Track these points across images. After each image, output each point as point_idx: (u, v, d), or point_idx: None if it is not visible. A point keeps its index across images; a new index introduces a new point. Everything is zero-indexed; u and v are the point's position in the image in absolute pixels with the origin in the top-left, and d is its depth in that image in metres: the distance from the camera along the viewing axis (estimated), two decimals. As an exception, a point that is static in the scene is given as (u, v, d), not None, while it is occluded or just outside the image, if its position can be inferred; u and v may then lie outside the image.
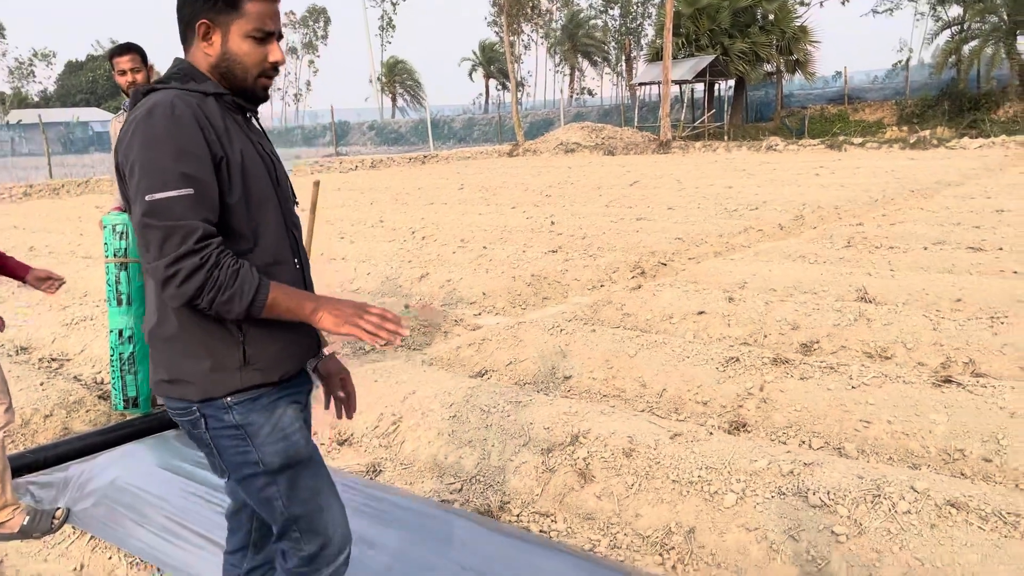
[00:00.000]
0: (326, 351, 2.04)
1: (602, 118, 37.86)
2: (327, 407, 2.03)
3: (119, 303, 4.13)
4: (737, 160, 19.81)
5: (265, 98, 1.75)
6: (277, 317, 1.58)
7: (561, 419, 3.56)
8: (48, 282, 3.06)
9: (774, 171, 15.65)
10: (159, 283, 1.51)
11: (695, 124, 30.83)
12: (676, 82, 29.05)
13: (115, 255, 3.94)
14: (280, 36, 1.71)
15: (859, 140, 20.98)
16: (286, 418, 1.73)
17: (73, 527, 3.15)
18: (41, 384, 4.44)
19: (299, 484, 1.74)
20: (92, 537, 3.08)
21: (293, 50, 70.17)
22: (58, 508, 3.16)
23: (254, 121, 1.78)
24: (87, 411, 4.28)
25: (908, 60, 34.40)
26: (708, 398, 4.08)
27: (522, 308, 6.44)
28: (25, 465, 3.48)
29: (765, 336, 5.02)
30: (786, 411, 3.81)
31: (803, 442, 3.61)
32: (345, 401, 2.01)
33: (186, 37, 1.68)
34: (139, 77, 3.93)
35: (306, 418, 1.89)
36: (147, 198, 1.49)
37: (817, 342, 4.82)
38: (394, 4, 64.88)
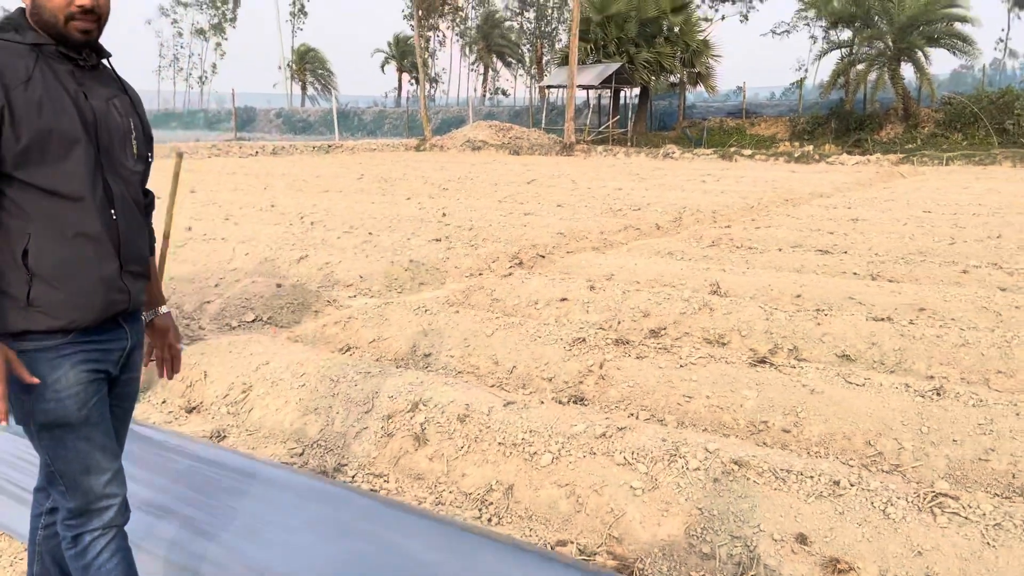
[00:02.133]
0: (162, 309, 2.13)
1: (513, 118, 38.24)
2: (146, 364, 2.12)
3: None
4: (634, 165, 20.46)
5: (85, 43, 1.76)
6: None
7: (405, 388, 3.71)
8: None
9: (665, 176, 16.27)
10: None
11: (600, 129, 31.57)
12: (582, 87, 29.68)
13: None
14: None
15: (749, 152, 21.99)
16: (64, 380, 1.74)
17: None
18: None
19: (65, 445, 1.77)
20: (-88, 494, 3.04)
21: (200, 31, 67.83)
22: None
23: (101, 69, 1.83)
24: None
25: (803, 80, 36.24)
26: (553, 374, 4.31)
27: (398, 292, 6.57)
28: None
29: (619, 322, 5.32)
30: (621, 386, 4.09)
31: (632, 414, 3.88)
32: (168, 361, 2.14)
33: None
34: None
35: (116, 377, 1.90)
36: None
37: (664, 328, 5.14)
38: (307, -10, 63.70)
